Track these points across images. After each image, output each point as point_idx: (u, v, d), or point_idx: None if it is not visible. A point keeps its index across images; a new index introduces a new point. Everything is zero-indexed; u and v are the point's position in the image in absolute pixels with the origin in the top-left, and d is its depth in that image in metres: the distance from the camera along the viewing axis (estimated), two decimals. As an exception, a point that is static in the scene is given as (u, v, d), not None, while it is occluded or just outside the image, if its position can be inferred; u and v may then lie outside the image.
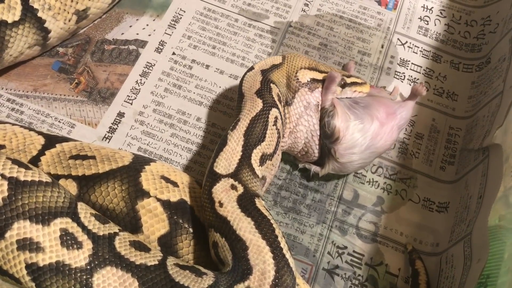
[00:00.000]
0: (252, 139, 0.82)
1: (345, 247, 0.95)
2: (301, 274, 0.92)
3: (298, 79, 0.91)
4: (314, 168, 0.95)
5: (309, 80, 0.91)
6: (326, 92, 0.90)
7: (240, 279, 0.67)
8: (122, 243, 0.70)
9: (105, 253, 0.67)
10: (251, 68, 0.94)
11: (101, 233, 0.69)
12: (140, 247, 0.71)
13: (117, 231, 0.72)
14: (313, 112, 0.91)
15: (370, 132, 0.91)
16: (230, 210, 0.73)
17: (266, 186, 0.87)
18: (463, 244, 0.88)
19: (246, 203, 0.74)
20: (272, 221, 0.73)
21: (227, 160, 0.80)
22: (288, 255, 0.71)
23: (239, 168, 0.79)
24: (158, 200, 0.78)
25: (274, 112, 0.86)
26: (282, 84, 0.92)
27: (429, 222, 0.98)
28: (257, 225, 0.71)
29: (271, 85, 0.90)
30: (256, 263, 0.68)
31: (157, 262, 0.69)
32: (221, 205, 0.74)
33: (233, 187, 0.76)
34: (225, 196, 0.75)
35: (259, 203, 0.75)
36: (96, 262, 0.66)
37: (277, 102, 0.89)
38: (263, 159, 0.83)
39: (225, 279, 0.68)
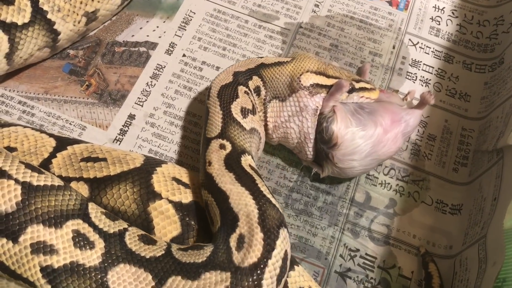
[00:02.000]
0: (226, 97, 0.88)
1: (357, 250, 0.95)
2: (313, 277, 0.92)
3: (300, 81, 0.90)
4: (315, 169, 0.95)
5: (311, 84, 0.90)
6: (329, 98, 0.89)
7: (231, 230, 0.70)
8: (132, 239, 0.71)
9: (117, 251, 0.68)
10: (259, 57, 0.96)
11: (111, 231, 0.70)
12: (148, 240, 0.72)
13: (126, 226, 0.73)
14: (309, 116, 0.90)
15: (372, 139, 0.89)
16: (216, 167, 0.78)
17: (262, 147, 0.91)
18: (477, 246, 0.87)
19: (232, 161, 0.79)
20: (254, 175, 0.77)
21: (212, 123, 0.85)
22: (269, 196, 0.74)
23: (225, 125, 0.84)
24: (170, 202, 0.78)
25: (242, 88, 0.89)
26: (276, 81, 0.91)
27: (442, 224, 0.97)
28: (238, 178, 0.76)
29: (254, 76, 0.91)
30: (239, 208, 0.71)
31: (164, 252, 0.70)
32: (209, 164, 0.79)
33: (221, 146, 0.81)
34: (215, 156, 0.80)
35: (245, 162, 0.79)
36: (110, 261, 0.67)
37: (250, 88, 0.90)
38: (244, 112, 0.86)
39: (220, 237, 0.70)
